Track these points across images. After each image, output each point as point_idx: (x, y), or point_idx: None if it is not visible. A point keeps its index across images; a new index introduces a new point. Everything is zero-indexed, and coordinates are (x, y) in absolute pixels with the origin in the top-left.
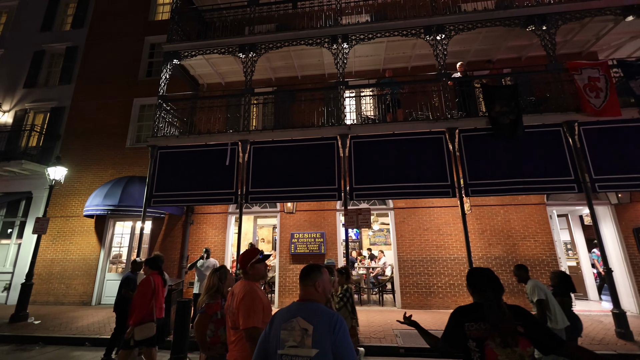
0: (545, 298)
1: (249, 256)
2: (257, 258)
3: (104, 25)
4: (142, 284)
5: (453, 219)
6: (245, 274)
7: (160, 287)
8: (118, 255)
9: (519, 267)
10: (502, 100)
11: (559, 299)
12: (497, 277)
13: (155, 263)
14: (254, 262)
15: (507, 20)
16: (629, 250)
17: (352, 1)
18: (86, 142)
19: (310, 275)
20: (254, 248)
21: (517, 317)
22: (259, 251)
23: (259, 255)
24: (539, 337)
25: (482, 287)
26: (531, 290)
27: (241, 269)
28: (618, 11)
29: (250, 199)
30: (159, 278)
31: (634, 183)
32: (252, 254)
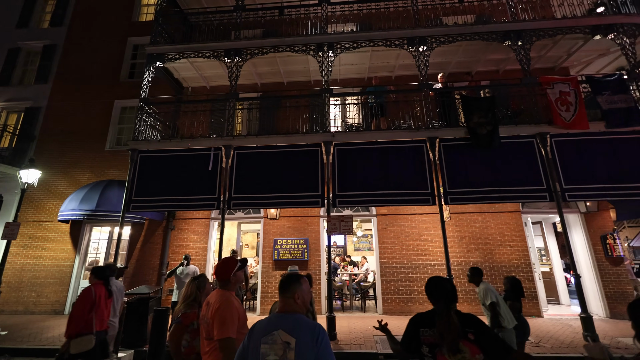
0: (496, 301)
1: (230, 265)
2: (238, 265)
3: (85, 24)
4: (82, 294)
5: (434, 226)
6: (223, 283)
7: (102, 298)
8: (94, 261)
9: (474, 269)
10: (480, 111)
11: (509, 303)
12: (453, 287)
13: (101, 272)
14: (236, 270)
15: (485, 35)
16: (597, 257)
17: (337, 10)
18: (63, 144)
19: (290, 287)
20: (231, 257)
21: (469, 325)
22: (236, 259)
23: (239, 263)
24: (488, 345)
25: (436, 296)
26: (483, 293)
27: (221, 279)
28: (587, 30)
29: (232, 204)
30: (102, 288)
31: (600, 193)
32: (232, 263)
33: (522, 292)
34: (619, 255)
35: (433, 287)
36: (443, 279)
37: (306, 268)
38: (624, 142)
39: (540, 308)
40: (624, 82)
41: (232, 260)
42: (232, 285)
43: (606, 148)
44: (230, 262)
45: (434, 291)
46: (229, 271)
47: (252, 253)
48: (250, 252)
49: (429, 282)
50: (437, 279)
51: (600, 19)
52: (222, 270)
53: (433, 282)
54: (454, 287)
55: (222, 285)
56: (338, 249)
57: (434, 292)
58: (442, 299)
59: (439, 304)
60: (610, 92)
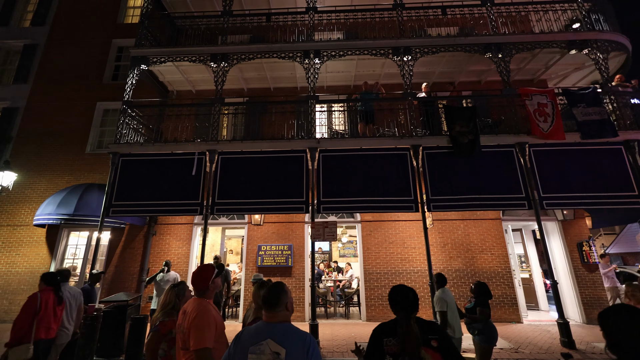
0: (446, 310)
1: (207, 273)
2: (216, 272)
3: (69, 24)
4: (27, 301)
5: (417, 233)
6: (200, 292)
7: (50, 305)
8: (71, 267)
9: (439, 276)
10: (462, 120)
11: (479, 310)
12: (415, 296)
13: (50, 279)
14: (214, 277)
15: (467, 47)
16: (573, 263)
17: (324, 19)
18: (41, 146)
19: (280, 300)
20: (208, 265)
21: (432, 332)
22: (213, 267)
23: (216, 270)
24: (450, 352)
25: (397, 306)
26: (437, 300)
27: (199, 288)
28: (563, 45)
29: (216, 210)
30: (50, 295)
31: (576, 201)
32: (209, 270)
33: (490, 295)
34: (594, 262)
35: (395, 296)
36: (406, 288)
37: (290, 274)
38: (598, 152)
39: (520, 314)
40: (598, 95)
41: (209, 268)
42: (210, 292)
43: (581, 158)
44: (207, 269)
45: (396, 300)
46: (207, 279)
47: (237, 259)
48: (234, 257)
49: (391, 291)
50: (400, 288)
51: (576, 35)
52: (199, 279)
53: (395, 291)
54: (417, 296)
55: (200, 293)
56: (323, 254)
57: (395, 301)
58: (403, 308)
59: (400, 313)
60: (585, 104)
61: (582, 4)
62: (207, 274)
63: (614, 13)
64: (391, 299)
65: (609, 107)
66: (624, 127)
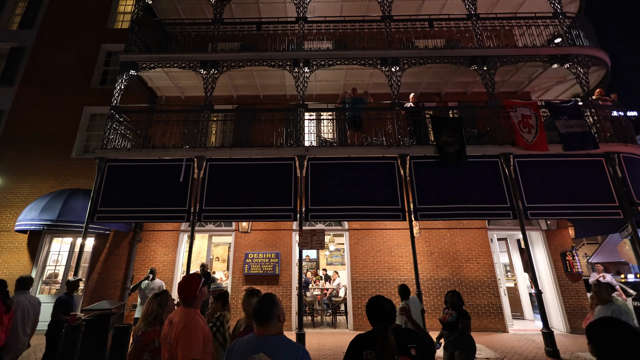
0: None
1: (194, 283)
2: (203, 281)
3: (57, 28)
4: None
5: (404, 241)
6: (187, 302)
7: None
8: (53, 274)
9: (401, 287)
10: (448, 131)
11: (463, 322)
12: (392, 308)
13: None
14: (201, 286)
15: (453, 59)
16: (557, 273)
17: (314, 28)
18: (25, 150)
19: (272, 313)
20: (195, 274)
21: (411, 340)
22: (199, 276)
23: (202, 279)
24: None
25: (374, 317)
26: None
27: (186, 298)
28: (546, 59)
29: (203, 217)
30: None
31: (559, 212)
32: (196, 280)
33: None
34: (577, 271)
35: (373, 307)
36: (383, 299)
37: (277, 283)
38: (580, 164)
39: (505, 323)
40: (579, 108)
41: (195, 277)
42: (197, 302)
43: (564, 170)
44: (194, 279)
45: (373, 311)
46: (194, 289)
47: (223, 266)
48: (221, 265)
49: (369, 302)
50: (377, 300)
51: (557, 50)
52: (186, 289)
53: (373, 303)
54: (394, 307)
55: (187, 304)
56: (311, 262)
57: (373, 313)
58: (381, 321)
59: (377, 325)
60: (567, 117)
61: (563, 20)
62: (194, 284)
63: (593, 29)
64: (368, 311)
65: (589, 120)
66: (604, 140)
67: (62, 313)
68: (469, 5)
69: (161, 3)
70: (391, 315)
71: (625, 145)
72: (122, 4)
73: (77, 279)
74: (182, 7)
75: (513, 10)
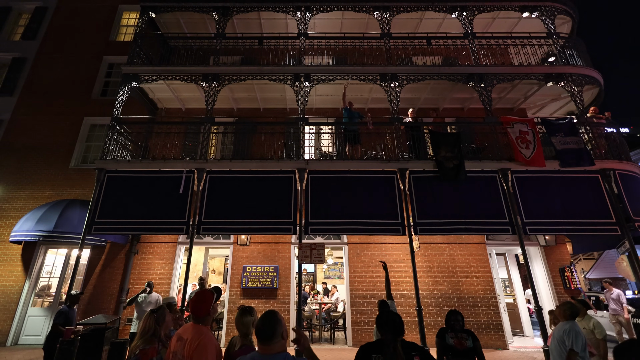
0: None
1: (208, 300)
2: (215, 297)
3: (60, 39)
4: None
5: (403, 256)
6: (200, 319)
7: None
8: (46, 286)
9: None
10: (447, 146)
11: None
12: (401, 322)
13: None
14: (214, 303)
15: (451, 76)
16: (556, 288)
17: (315, 44)
18: (23, 159)
19: (275, 331)
20: (207, 290)
21: (414, 349)
22: (212, 292)
23: (215, 294)
24: None
25: (385, 329)
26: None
27: (200, 315)
28: (540, 77)
29: (202, 229)
30: None
31: (557, 227)
32: (209, 296)
33: None
34: (576, 287)
35: (384, 322)
36: (394, 315)
37: (275, 297)
38: (576, 180)
39: (505, 340)
40: (575, 125)
41: (208, 294)
42: (209, 319)
43: (561, 186)
44: (207, 295)
45: (384, 325)
46: (208, 306)
47: (219, 279)
48: (216, 277)
49: (382, 315)
50: (388, 314)
51: (552, 68)
52: (200, 306)
53: (384, 318)
54: (402, 322)
55: (199, 320)
56: (308, 276)
57: (384, 325)
58: (391, 332)
59: (387, 335)
60: (563, 134)
61: (557, 40)
62: (207, 301)
63: (586, 49)
64: (381, 323)
65: (584, 137)
66: (599, 157)
67: (63, 325)
68: (466, 25)
69: (164, 17)
70: (400, 328)
71: (621, 162)
72: (126, 17)
73: (78, 293)
74: (185, 22)
75: (508, 29)
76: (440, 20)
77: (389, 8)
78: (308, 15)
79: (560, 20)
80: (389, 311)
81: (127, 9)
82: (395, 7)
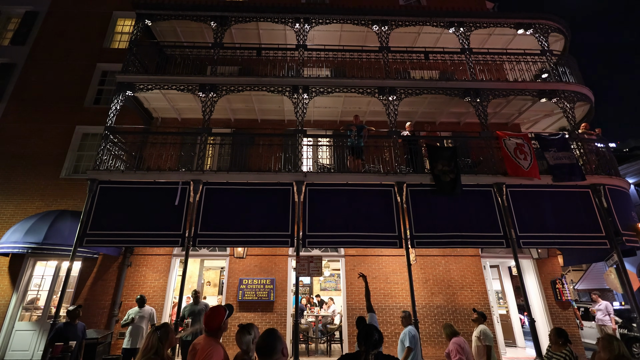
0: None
1: (220, 315)
2: (227, 314)
3: (52, 45)
4: None
5: (400, 268)
6: (212, 332)
7: None
8: (35, 299)
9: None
10: (443, 160)
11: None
12: (380, 337)
13: None
14: (225, 318)
15: (448, 90)
16: (548, 301)
17: (314, 56)
18: (11, 169)
19: (276, 349)
20: (220, 306)
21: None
22: (224, 308)
23: (227, 311)
24: None
25: (364, 342)
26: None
27: (212, 329)
28: (534, 93)
29: (198, 242)
30: None
31: (550, 241)
32: (221, 312)
33: None
34: (567, 299)
35: (365, 335)
36: (374, 329)
37: (272, 310)
38: (568, 195)
39: (499, 351)
40: (567, 141)
41: (222, 310)
42: (220, 332)
43: (554, 200)
44: (220, 311)
45: (366, 338)
46: (219, 320)
47: (214, 291)
48: (211, 289)
49: (362, 329)
50: (369, 329)
51: (545, 85)
52: (213, 320)
53: (365, 331)
54: (382, 337)
55: (211, 333)
56: (303, 287)
57: (365, 338)
58: (367, 345)
59: (362, 347)
60: (555, 149)
61: (550, 57)
62: (219, 316)
63: (577, 67)
64: (360, 336)
65: (576, 153)
66: (590, 172)
67: (55, 341)
68: (462, 40)
69: (160, 25)
70: (378, 343)
71: (610, 177)
72: (120, 24)
73: (76, 308)
74: (182, 30)
75: (504, 46)
76: (438, 35)
77: (387, 22)
78: (307, 26)
79: (554, 38)
80: (371, 325)
81: (122, 16)
82: (394, 21)
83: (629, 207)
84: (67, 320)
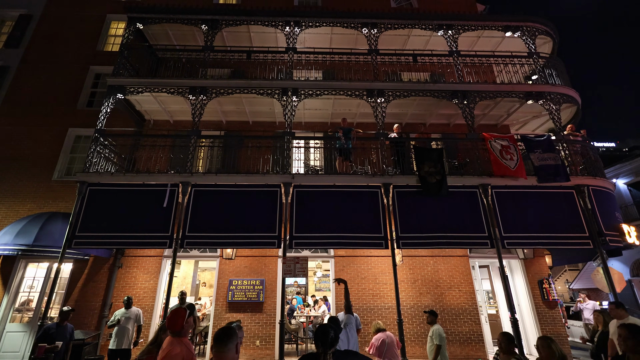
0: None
1: (181, 316)
2: (188, 313)
3: (45, 48)
4: None
5: (388, 269)
6: (175, 333)
7: None
8: (27, 301)
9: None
10: (430, 161)
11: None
12: (336, 336)
13: None
14: (187, 317)
15: (436, 93)
16: (535, 300)
17: (303, 59)
18: (3, 170)
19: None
20: (181, 308)
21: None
22: (185, 309)
23: (188, 311)
24: None
25: (319, 342)
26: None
27: (174, 329)
28: (521, 95)
29: (186, 243)
30: None
31: (534, 241)
32: (182, 313)
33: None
34: (554, 298)
35: (320, 334)
36: (328, 328)
37: (261, 310)
38: (553, 195)
39: (486, 351)
40: (552, 142)
41: (181, 311)
42: (184, 332)
43: (539, 201)
44: (180, 313)
45: (320, 337)
46: (181, 321)
47: (210, 292)
48: (207, 290)
49: (317, 328)
50: (324, 328)
51: (532, 87)
52: (174, 322)
53: (320, 330)
54: (337, 336)
55: (175, 334)
56: (299, 287)
57: (319, 338)
58: (324, 344)
59: (319, 348)
60: (541, 150)
61: (537, 60)
62: (180, 317)
63: (565, 69)
64: (316, 336)
65: (562, 154)
66: (574, 173)
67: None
68: (451, 43)
69: (153, 29)
70: (333, 342)
71: (594, 178)
72: (114, 27)
73: (69, 309)
74: (174, 33)
75: (492, 48)
76: (427, 38)
77: (376, 25)
78: (297, 30)
79: (542, 40)
80: (324, 324)
81: (116, 19)
82: (383, 24)
83: (613, 207)
84: (57, 321)
